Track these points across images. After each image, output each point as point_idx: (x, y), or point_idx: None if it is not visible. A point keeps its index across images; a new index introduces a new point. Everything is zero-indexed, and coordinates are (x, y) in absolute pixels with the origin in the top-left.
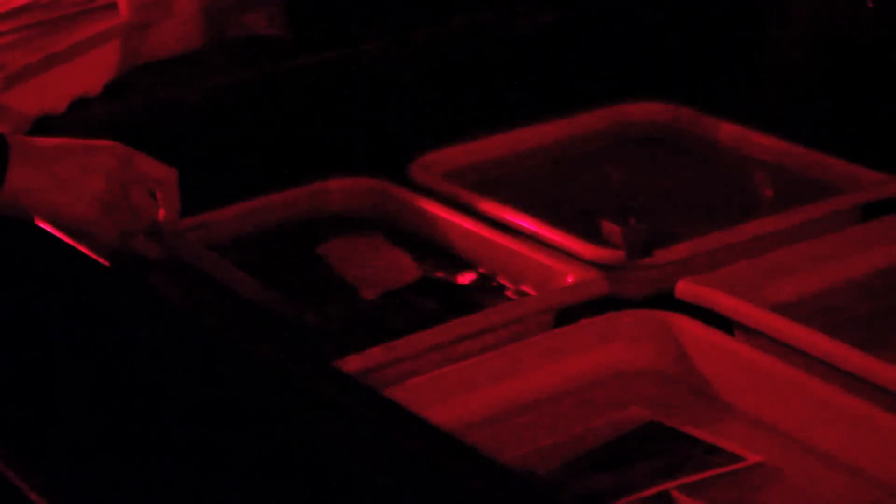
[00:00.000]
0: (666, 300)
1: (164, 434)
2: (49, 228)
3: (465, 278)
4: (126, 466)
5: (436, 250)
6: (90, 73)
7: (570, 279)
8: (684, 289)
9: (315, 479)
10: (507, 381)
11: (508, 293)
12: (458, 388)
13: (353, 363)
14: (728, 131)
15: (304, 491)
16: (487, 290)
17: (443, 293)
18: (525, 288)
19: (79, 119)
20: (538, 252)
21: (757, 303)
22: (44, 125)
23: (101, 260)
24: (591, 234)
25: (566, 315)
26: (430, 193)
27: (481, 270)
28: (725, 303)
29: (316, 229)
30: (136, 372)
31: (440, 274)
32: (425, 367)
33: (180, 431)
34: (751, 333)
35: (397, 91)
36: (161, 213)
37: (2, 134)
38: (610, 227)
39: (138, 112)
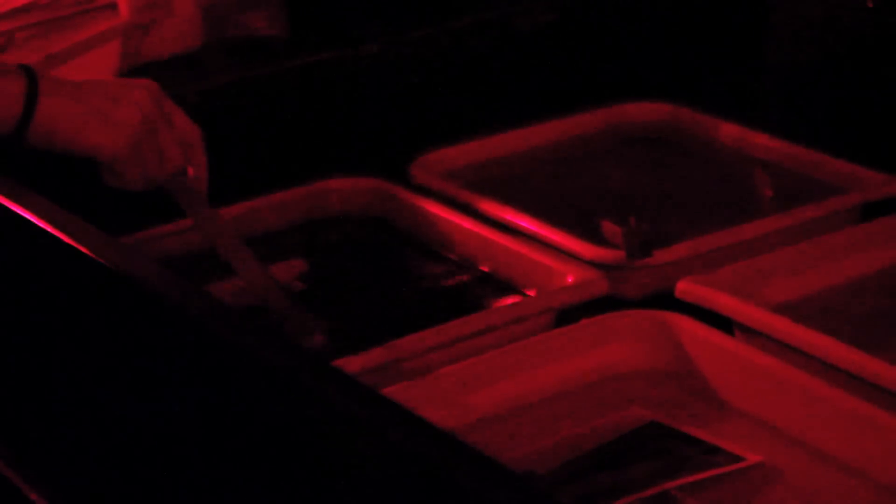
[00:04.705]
0: (666, 300)
1: (164, 434)
2: (48, 227)
3: (465, 278)
4: (126, 466)
5: (435, 250)
6: (90, 73)
7: (570, 279)
8: (684, 289)
9: (314, 479)
10: (507, 381)
11: (508, 293)
12: (458, 388)
13: (353, 363)
14: (728, 131)
15: (303, 491)
16: (487, 290)
17: (443, 293)
18: (525, 288)
19: None
20: (538, 252)
21: (757, 303)
22: None
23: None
24: (591, 234)
25: (566, 315)
26: (430, 193)
27: (481, 270)
28: (725, 303)
29: (316, 229)
30: (135, 372)
31: (440, 274)
32: (425, 367)
33: (180, 431)
34: (751, 333)
35: (397, 91)
36: (190, 171)
37: (27, 66)
38: (610, 227)
39: None
